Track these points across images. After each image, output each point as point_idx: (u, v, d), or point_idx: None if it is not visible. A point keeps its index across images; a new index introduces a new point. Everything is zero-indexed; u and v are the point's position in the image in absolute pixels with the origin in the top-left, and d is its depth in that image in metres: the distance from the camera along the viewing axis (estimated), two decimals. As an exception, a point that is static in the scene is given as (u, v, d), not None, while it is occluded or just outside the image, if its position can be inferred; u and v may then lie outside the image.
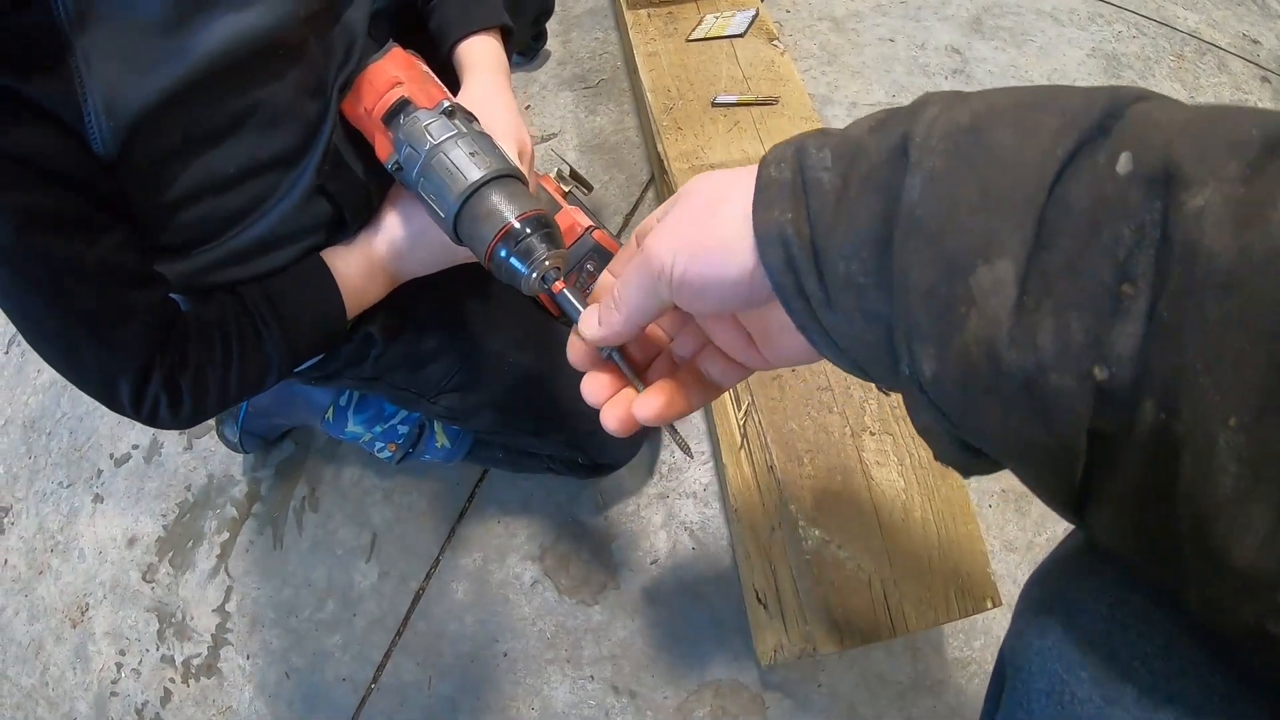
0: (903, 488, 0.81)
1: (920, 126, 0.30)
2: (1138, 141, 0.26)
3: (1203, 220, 0.24)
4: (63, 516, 1.17)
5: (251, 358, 0.66)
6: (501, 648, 0.98)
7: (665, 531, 1.02)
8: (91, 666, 1.07)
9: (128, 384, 0.60)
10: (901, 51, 1.43)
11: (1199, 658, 0.32)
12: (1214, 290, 0.23)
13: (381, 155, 0.63)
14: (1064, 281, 0.26)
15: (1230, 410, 0.23)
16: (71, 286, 0.56)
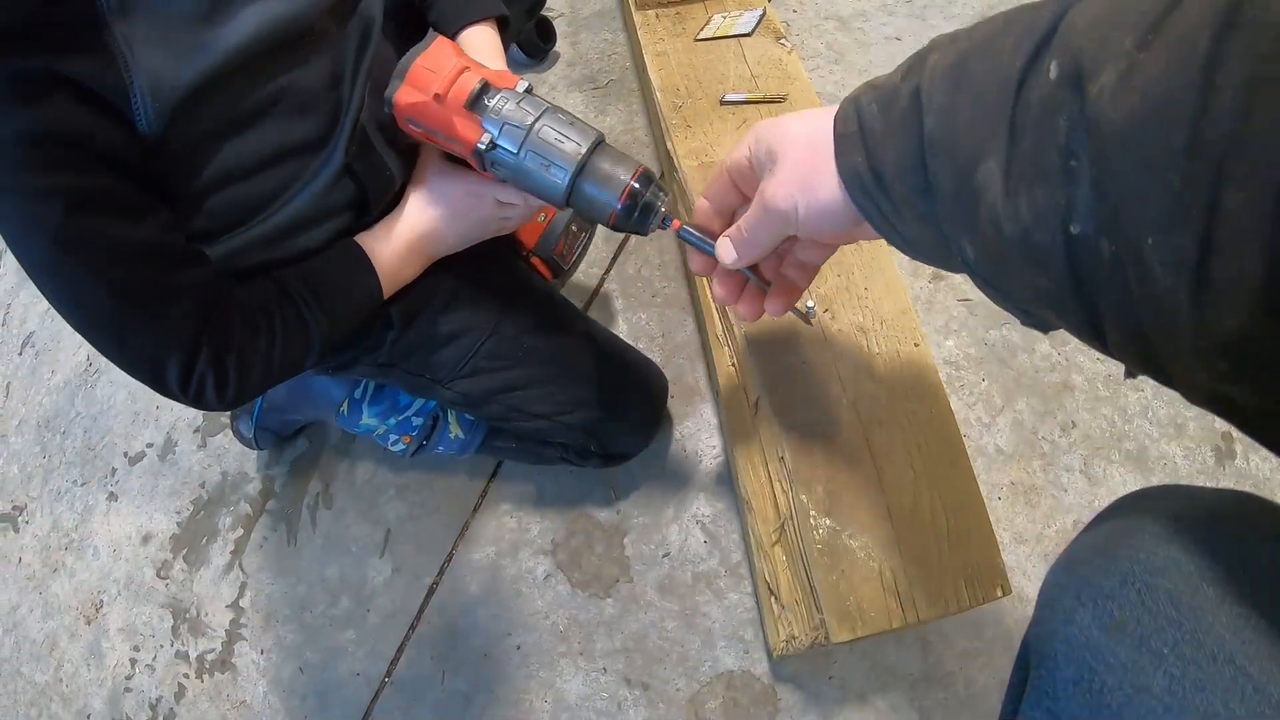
0: (912, 478, 0.82)
1: (926, 73, 0.41)
2: (1062, 48, 0.34)
3: (1101, 99, 0.32)
4: (77, 514, 1.18)
5: (294, 338, 0.68)
6: (514, 641, 0.98)
7: (677, 524, 1.02)
8: (106, 663, 1.08)
9: (176, 364, 0.62)
10: (908, 50, 1.41)
11: (1232, 644, 0.32)
12: (1115, 147, 0.31)
13: (469, 139, 0.62)
14: (1030, 167, 0.34)
15: (1147, 230, 0.31)
16: (121, 267, 0.58)
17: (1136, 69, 0.31)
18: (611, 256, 1.22)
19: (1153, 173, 0.30)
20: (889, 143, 0.42)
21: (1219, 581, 0.34)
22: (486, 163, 0.64)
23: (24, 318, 1.37)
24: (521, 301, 0.89)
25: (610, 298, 1.19)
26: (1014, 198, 0.35)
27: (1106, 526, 0.41)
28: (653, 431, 0.99)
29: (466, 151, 0.64)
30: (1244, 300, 0.28)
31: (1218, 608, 0.33)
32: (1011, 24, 0.38)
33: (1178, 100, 0.29)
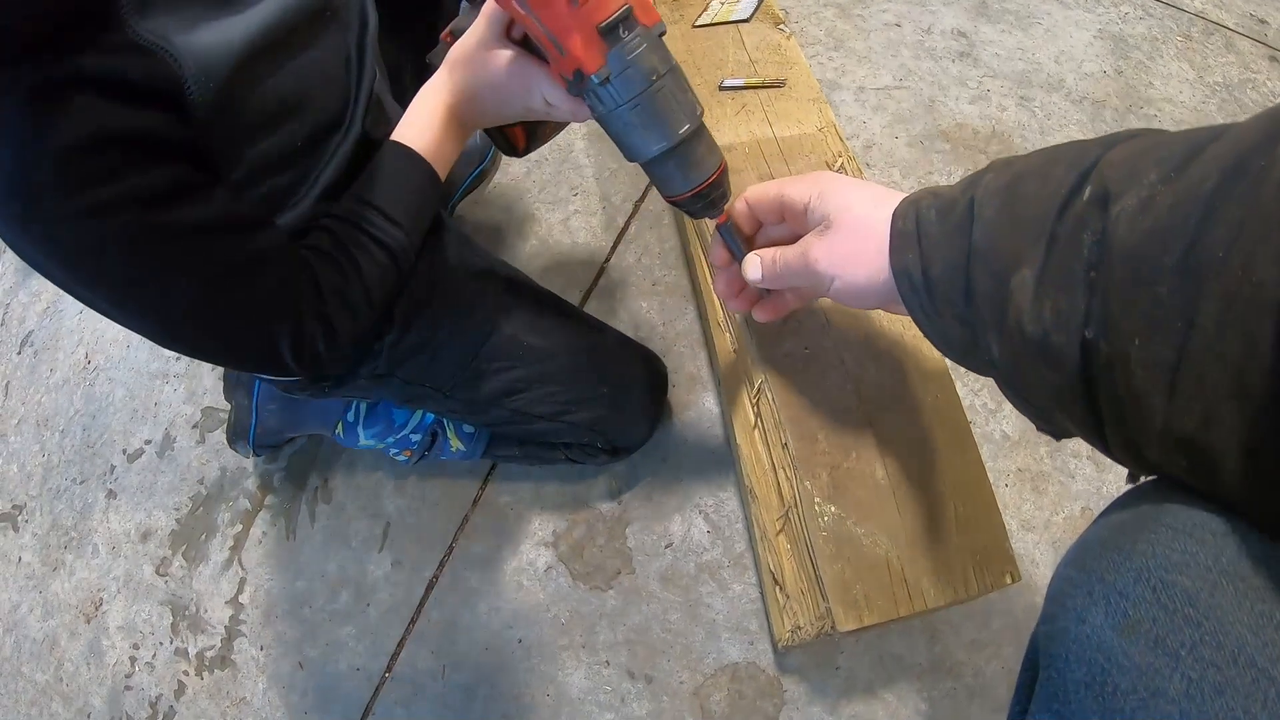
0: (918, 464, 0.80)
1: (981, 188, 0.46)
2: (1098, 176, 0.39)
3: (1119, 220, 0.37)
4: (76, 513, 1.17)
5: (372, 259, 0.67)
6: (515, 635, 0.97)
7: (679, 515, 1.01)
8: (105, 661, 1.07)
9: (286, 333, 0.62)
10: (908, 36, 1.42)
11: (1254, 645, 0.31)
12: (1120, 260, 0.36)
13: (583, 63, 0.54)
14: (1058, 276, 0.39)
15: (1134, 333, 0.35)
16: (204, 254, 0.57)
17: (1155, 199, 0.36)
18: (611, 245, 1.21)
19: (1145, 285, 0.35)
20: (941, 247, 0.47)
21: (1240, 578, 0.33)
22: (581, 90, 0.56)
23: (23, 317, 1.36)
24: (518, 299, 0.87)
25: (611, 287, 1.17)
26: (1040, 303, 0.40)
27: (1120, 518, 0.39)
28: (656, 421, 0.98)
29: (566, 69, 0.56)
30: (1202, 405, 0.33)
31: (1238, 606, 0.32)
32: (1062, 155, 0.43)
33: (1178, 226, 0.34)
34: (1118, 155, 0.40)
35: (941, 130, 1.30)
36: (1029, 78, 1.38)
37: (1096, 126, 1.32)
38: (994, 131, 1.30)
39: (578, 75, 0.55)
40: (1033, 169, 0.45)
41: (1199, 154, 0.35)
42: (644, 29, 0.54)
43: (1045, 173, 0.43)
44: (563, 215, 1.24)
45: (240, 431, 1.05)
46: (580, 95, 0.57)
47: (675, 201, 0.62)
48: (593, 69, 0.54)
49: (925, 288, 0.49)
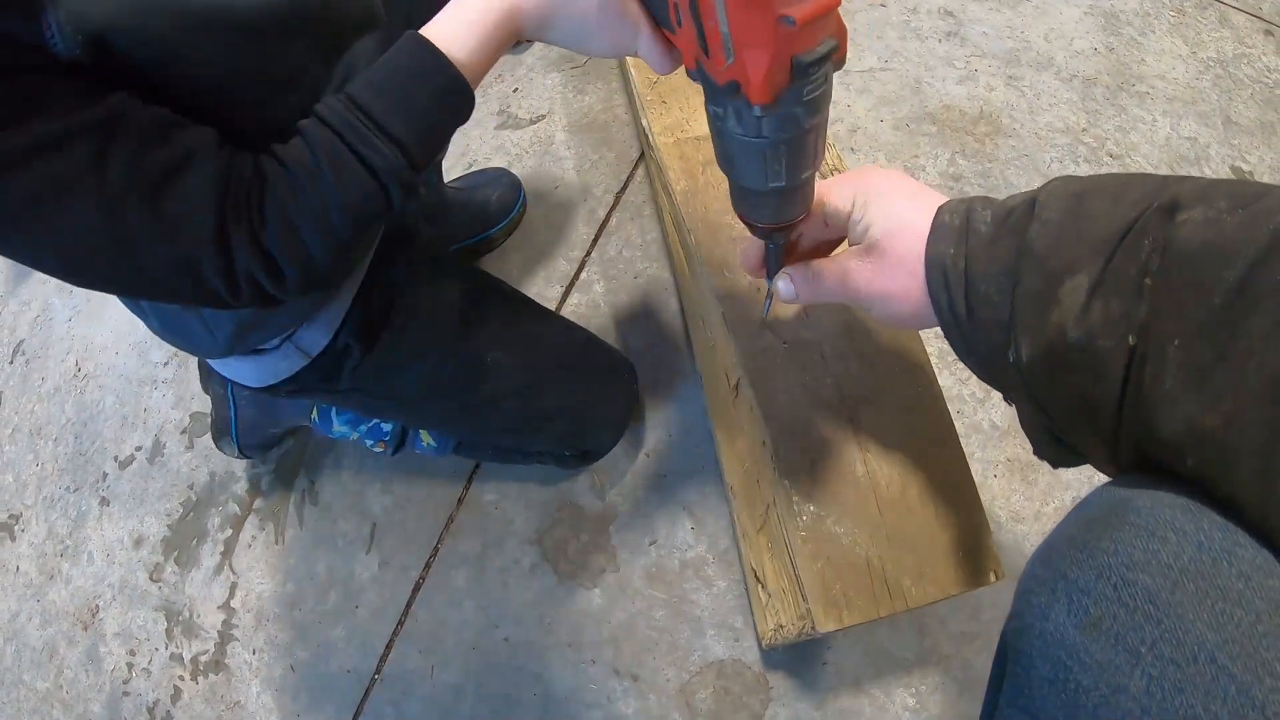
0: (900, 459, 0.79)
1: (1045, 192, 0.46)
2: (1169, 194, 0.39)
3: (1184, 226, 0.37)
4: (71, 521, 1.18)
5: (351, 181, 0.52)
6: (502, 633, 0.97)
7: (664, 511, 1.00)
8: (103, 668, 1.08)
9: (211, 269, 0.51)
10: (894, 16, 1.40)
11: (1214, 642, 0.31)
12: (1177, 263, 0.37)
13: (756, 95, 0.42)
14: (1112, 280, 0.39)
15: (1174, 335, 0.36)
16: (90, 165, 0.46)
17: (1222, 219, 0.37)
18: (593, 238, 1.20)
19: (1200, 291, 0.36)
20: (990, 245, 0.46)
21: (1201, 576, 0.33)
22: (719, 100, 0.45)
23: (14, 326, 1.37)
24: (482, 311, 0.85)
25: (591, 281, 1.17)
26: (1089, 307, 0.40)
27: (1087, 516, 0.39)
28: (623, 428, 0.97)
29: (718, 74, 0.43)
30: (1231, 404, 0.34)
31: (1199, 604, 0.32)
32: (1138, 182, 0.43)
33: (1243, 245, 0.35)
34: (1191, 182, 0.40)
35: (928, 112, 1.28)
36: (1018, 56, 1.36)
37: (1087, 105, 1.30)
38: (981, 112, 1.28)
39: (731, 88, 0.43)
40: (1104, 187, 0.44)
41: (1270, 194, 0.36)
42: (830, 67, 0.43)
43: (1118, 194, 0.43)
44: (544, 209, 1.23)
45: (223, 426, 1.05)
46: (712, 98, 0.46)
47: (748, 223, 0.56)
48: (761, 100, 0.42)
49: (964, 286, 0.47)
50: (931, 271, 0.49)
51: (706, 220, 0.89)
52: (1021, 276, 0.44)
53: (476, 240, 1.16)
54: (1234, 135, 1.28)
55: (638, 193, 1.23)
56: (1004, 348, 0.45)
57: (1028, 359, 0.43)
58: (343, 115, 0.52)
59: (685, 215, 0.90)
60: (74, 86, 0.46)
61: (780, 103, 0.42)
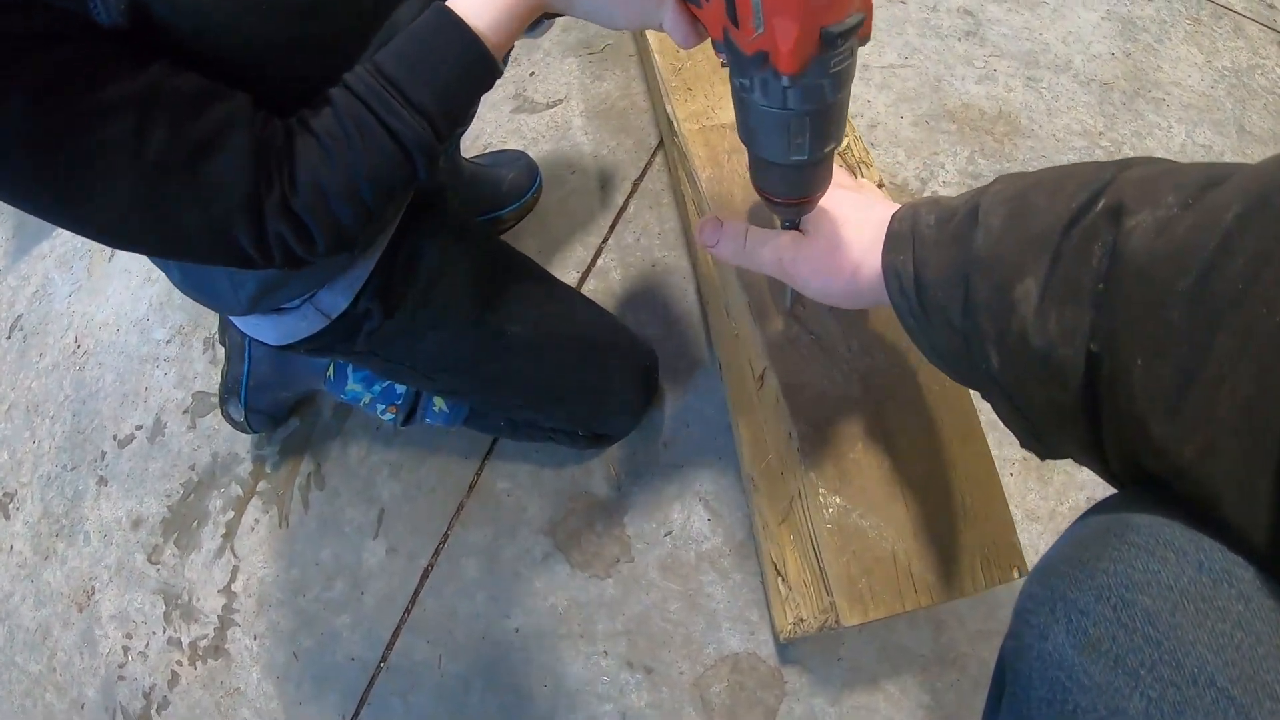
0: (926, 454, 0.78)
1: (988, 197, 0.45)
2: (1112, 191, 0.39)
3: (1133, 233, 0.36)
4: (67, 500, 1.16)
5: (377, 150, 0.54)
6: (513, 624, 0.96)
7: (680, 502, 0.99)
8: (99, 650, 1.05)
9: (243, 229, 0.52)
10: (914, 14, 1.39)
11: (1214, 664, 0.30)
12: (1130, 277, 0.36)
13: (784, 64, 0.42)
14: (1064, 287, 0.38)
15: (1138, 353, 0.35)
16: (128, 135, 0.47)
17: (1172, 220, 0.35)
18: (610, 225, 1.18)
19: (1155, 307, 0.34)
20: (937, 252, 0.47)
21: (1201, 598, 0.32)
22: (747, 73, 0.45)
23: (11, 300, 1.34)
24: (504, 284, 0.84)
25: (608, 268, 1.15)
26: (1045, 314, 0.39)
27: (1086, 534, 0.39)
28: (641, 413, 0.96)
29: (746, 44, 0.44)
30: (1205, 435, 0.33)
31: (1199, 626, 0.31)
32: (1076, 172, 0.43)
33: (1195, 251, 0.33)
34: (1134, 174, 0.39)
35: (947, 110, 1.27)
36: (1036, 58, 1.35)
37: (1104, 109, 1.30)
38: (1000, 112, 1.28)
39: (759, 58, 0.44)
40: (1043, 182, 0.44)
41: (1219, 183, 0.35)
42: (856, 41, 0.44)
43: (1057, 187, 0.42)
44: (560, 194, 1.21)
45: (232, 384, 1.03)
46: (738, 70, 0.46)
47: (766, 196, 0.56)
48: (789, 69, 0.43)
49: (916, 292, 0.48)
50: (888, 280, 0.50)
51: (732, 207, 0.88)
52: (971, 288, 0.44)
53: (485, 219, 1.15)
54: (1248, 144, 1.29)
55: (656, 180, 1.22)
56: (966, 354, 0.46)
57: (999, 368, 0.43)
58: (371, 85, 0.54)
59: (710, 202, 0.89)
60: (116, 55, 0.47)
61: (807, 73, 0.43)
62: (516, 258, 0.89)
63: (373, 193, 0.56)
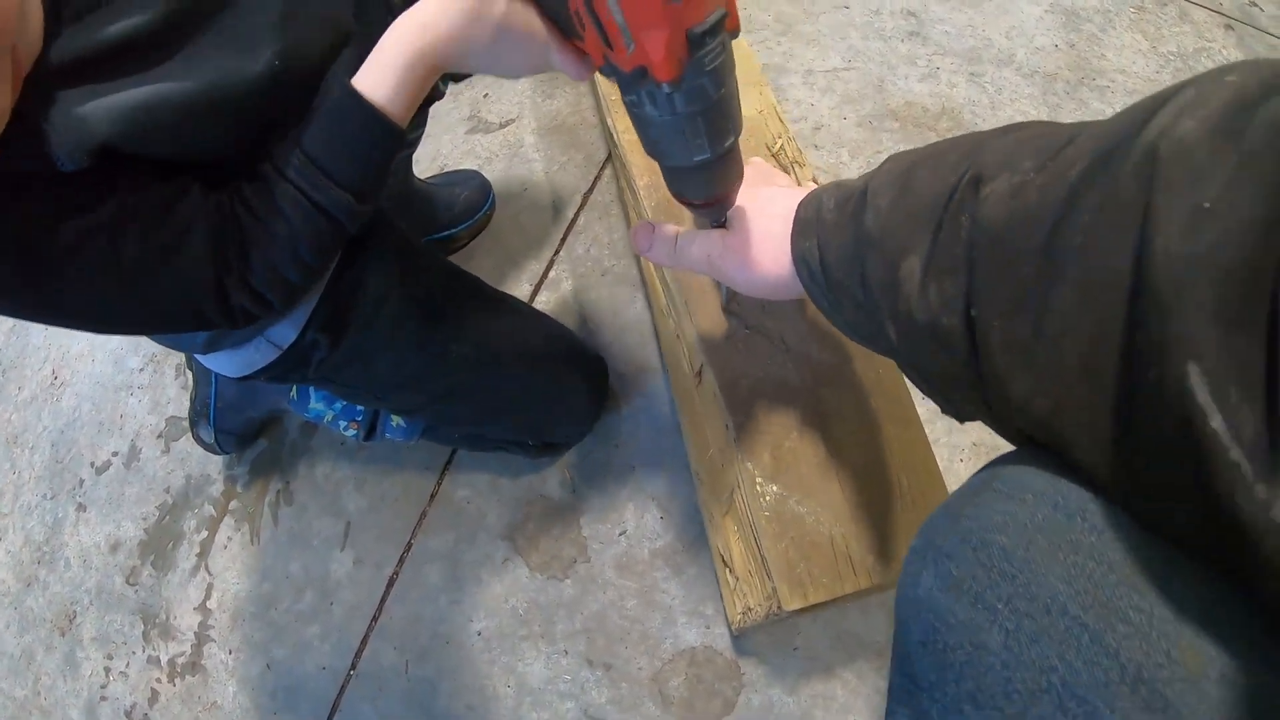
0: (862, 440, 0.81)
1: (878, 177, 0.48)
2: (976, 163, 0.40)
3: (988, 200, 0.38)
4: (48, 528, 1.18)
5: (309, 224, 0.61)
6: (476, 627, 0.98)
7: (633, 503, 1.01)
8: (81, 673, 1.08)
9: (211, 305, 0.61)
10: (857, 17, 1.42)
11: (1066, 594, 0.32)
12: (985, 242, 0.37)
13: (661, 72, 0.44)
14: (942, 259, 0.40)
15: (995, 314, 0.37)
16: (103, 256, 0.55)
17: (1026, 185, 0.37)
18: (561, 238, 1.21)
19: (1010, 267, 0.36)
20: (837, 234, 0.49)
21: (1054, 532, 0.34)
22: (633, 89, 0.47)
23: (-10, 336, 1.38)
24: (448, 304, 0.87)
25: (560, 279, 1.18)
26: (926, 288, 0.41)
27: (963, 488, 0.41)
28: (591, 422, 0.99)
29: (624, 63, 0.45)
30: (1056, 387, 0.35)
31: (1051, 559, 0.33)
32: (958, 144, 0.44)
33: (1045, 210, 0.35)
34: (1001, 142, 0.41)
35: (891, 109, 1.30)
36: (979, 54, 1.38)
37: (1048, 100, 1.33)
38: (944, 109, 1.31)
39: (638, 73, 0.45)
40: (926, 159, 0.45)
41: (1073, 138, 0.36)
42: (726, 35, 0.45)
43: (938, 161, 0.44)
44: (514, 210, 1.24)
45: (201, 408, 1.06)
46: (625, 89, 0.48)
47: (687, 203, 0.59)
48: (666, 76, 0.44)
49: (823, 275, 0.51)
50: (798, 267, 0.53)
51: (669, 213, 0.91)
52: (866, 267, 0.46)
53: (440, 238, 1.18)
54: (1192, 127, 1.31)
55: (605, 192, 1.25)
56: (871, 329, 0.48)
57: (897, 343, 0.45)
58: (299, 168, 0.60)
59: (648, 209, 0.92)
60: (83, 191, 0.54)
61: (686, 77, 0.45)
62: (462, 277, 0.92)
63: (313, 255, 0.63)
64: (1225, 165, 0.28)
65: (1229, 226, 0.27)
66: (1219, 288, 0.27)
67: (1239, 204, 0.27)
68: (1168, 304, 0.29)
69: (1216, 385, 0.27)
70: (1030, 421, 0.37)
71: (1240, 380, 0.26)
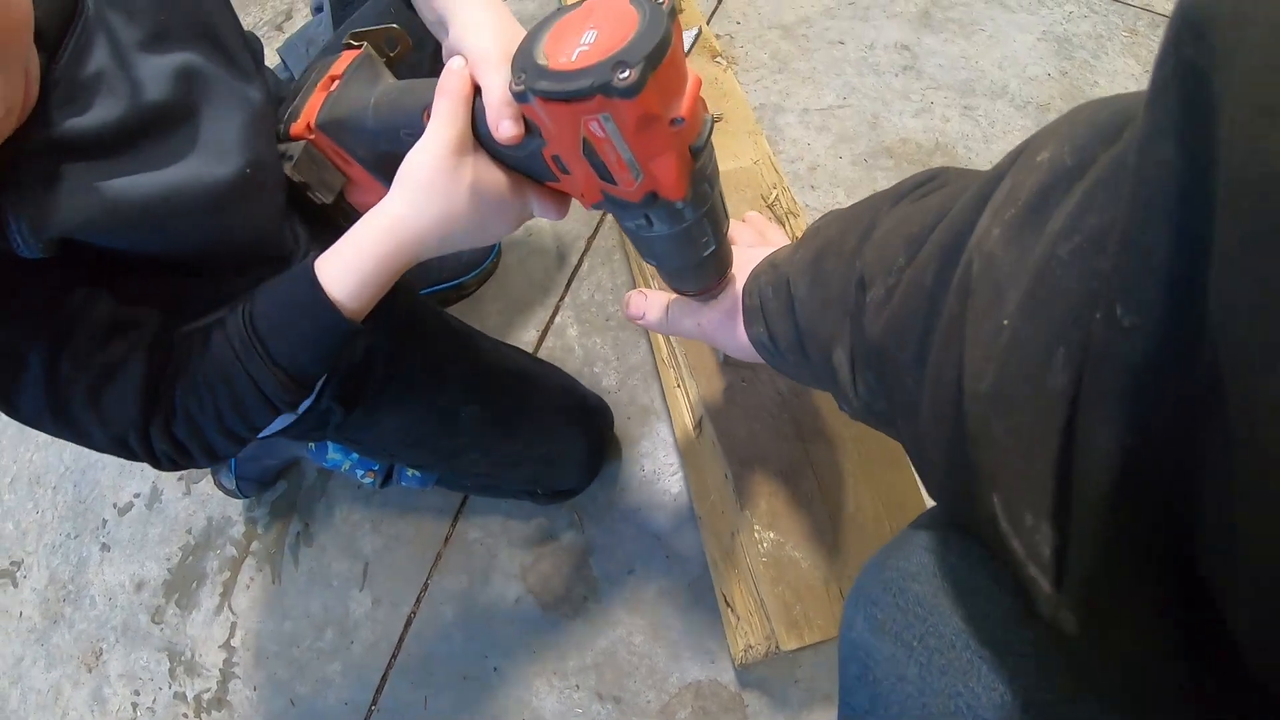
0: (853, 485, 0.85)
1: (792, 266, 0.52)
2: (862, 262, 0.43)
3: (867, 310, 0.42)
4: (72, 566, 1.22)
5: (245, 400, 0.60)
6: (491, 663, 1.02)
7: (639, 543, 1.05)
8: (109, 708, 1.12)
9: (136, 442, 0.60)
10: (851, 53, 1.46)
11: (966, 632, 0.37)
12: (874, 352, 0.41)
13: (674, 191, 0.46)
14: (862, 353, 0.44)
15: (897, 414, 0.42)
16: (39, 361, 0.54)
17: (898, 286, 0.39)
18: (565, 284, 1.25)
19: (894, 377, 0.40)
20: (780, 324, 0.53)
21: (959, 580, 0.39)
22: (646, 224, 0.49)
23: (13, 377, 1.41)
24: (457, 365, 0.90)
25: (565, 324, 1.22)
26: (855, 379, 0.45)
27: (894, 540, 0.46)
28: (595, 470, 1.04)
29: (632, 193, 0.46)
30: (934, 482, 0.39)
31: (955, 603, 0.38)
32: (853, 224, 0.47)
33: (908, 321, 0.38)
34: (880, 231, 0.44)
35: (885, 146, 1.34)
36: (972, 86, 1.42)
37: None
38: (937, 144, 1.34)
39: (648, 199, 0.46)
40: (832, 241, 0.49)
41: (942, 216, 0.38)
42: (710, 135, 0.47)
43: (840, 245, 0.47)
44: (519, 257, 1.28)
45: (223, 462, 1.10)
46: (628, 216, 0.49)
47: (694, 296, 0.62)
48: (679, 195, 0.46)
49: (778, 354, 0.55)
50: (758, 349, 0.58)
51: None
52: (808, 355, 0.50)
53: (449, 286, 1.21)
54: (1178, 157, 1.34)
55: (608, 237, 1.28)
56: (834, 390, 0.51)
57: (853, 414, 0.50)
58: (243, 339, 0.59)
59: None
60: (37, 286, 0.54)
61: (693, 187, 0.47)
62: (469, 336, 0.95)
63: (241, 425, 0.62)
64: (1021, 278, 0.31)
65: (1018, 354, 0.30)
66: (1009, 419, 0.31)
67: (1024, 326, 0.30)
68: (974, 436, 0.32)
69: (1013, 511, 0.31)
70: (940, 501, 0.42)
71: (1035, 503, 0.30)
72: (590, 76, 0.39)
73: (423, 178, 0.54)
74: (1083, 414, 0.28)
